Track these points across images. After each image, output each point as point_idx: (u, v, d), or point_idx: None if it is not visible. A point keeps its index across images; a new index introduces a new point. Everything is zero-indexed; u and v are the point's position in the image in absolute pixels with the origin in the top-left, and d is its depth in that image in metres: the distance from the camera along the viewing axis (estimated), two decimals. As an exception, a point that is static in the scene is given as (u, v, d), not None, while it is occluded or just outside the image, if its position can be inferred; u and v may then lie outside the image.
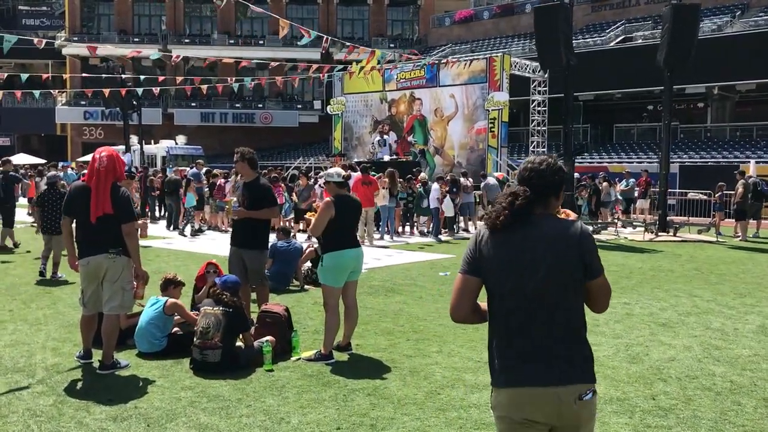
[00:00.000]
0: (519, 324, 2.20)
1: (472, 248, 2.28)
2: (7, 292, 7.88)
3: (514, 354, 2.20)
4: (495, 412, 2.26)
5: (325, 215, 5.13)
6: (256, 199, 5.80)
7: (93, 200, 4.69)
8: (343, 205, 5.21)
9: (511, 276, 2.19)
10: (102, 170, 4.75)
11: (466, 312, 2.28)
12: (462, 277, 2.27)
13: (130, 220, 4.81)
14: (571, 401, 2.15)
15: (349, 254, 5.22)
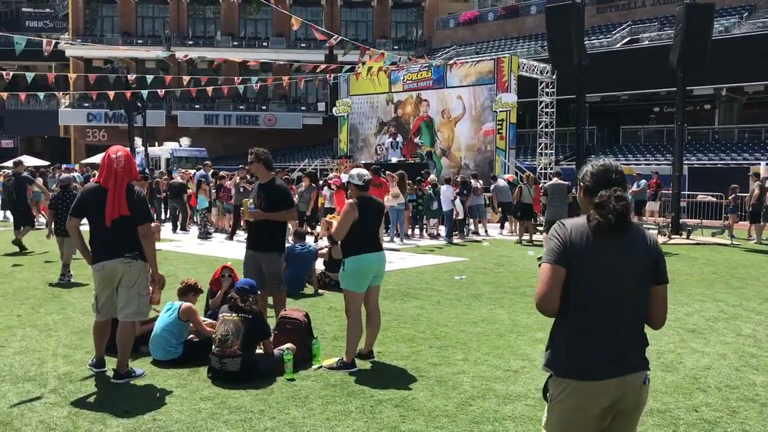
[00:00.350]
0: (602, 319, 2.33)
1: (560, 240, 2.36)
2: (14, 297, 7.69)
3: (594, 347, 2.33)
4: (561, 399, 2.36)
5: (349, 218, 4.94)
6: (273, 200, 5.61)
7: (109, 202, 4.51)
8: (366, 207, 5.03)
9: (606, 273, 2.32)
10: (120, 171, 4.57)
11: (556, 301, 2.33)
12: (552, 267, 2.34)
13: (146, 221, 4.63)
14: (638, 386, 2.37)
15: (372, 258, 5.04)
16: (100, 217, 4.54)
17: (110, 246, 4.57)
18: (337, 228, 5.01)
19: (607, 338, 2.33)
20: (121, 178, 4.56)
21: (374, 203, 5.24)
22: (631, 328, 2.37)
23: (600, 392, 2.31)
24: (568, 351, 2.35)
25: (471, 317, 6.79)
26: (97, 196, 4.58)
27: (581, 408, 2.32)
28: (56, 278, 8.94)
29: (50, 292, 8.03)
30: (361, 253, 4.98)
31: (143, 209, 4.64)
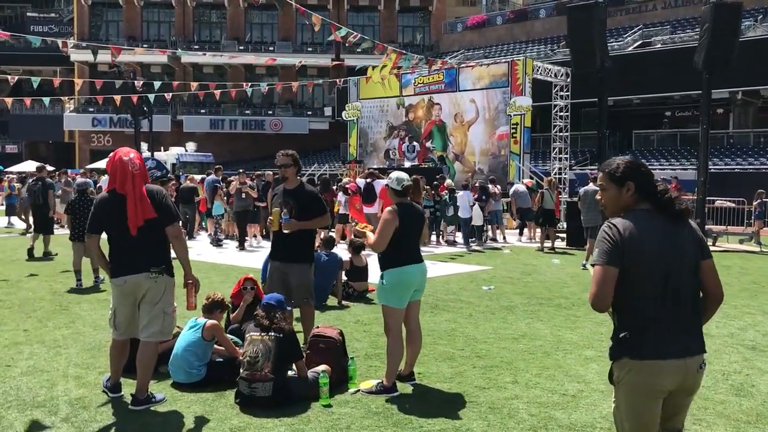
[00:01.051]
0: (666, 305, 2.47)
1: (612, 240, 2.48)
2: (20, 309, 7.25)
3: (658, 332, 2.47)
4: (626, 380, 2.51)
5: (389, 227, 4.49)
6: (304, 207, 5.17)
7: (131, 208, 4.07)
8: (406, 215, 4.58)
9: (665, 262, 2.47)
10: (137, 173, 4.14)
11: (610, 300, 2.47)
12: (605, 268, 2.46)
13: (175, 220, 4.23)
14: (695, 369, 2.52)
15: (413, 270, 4.59)
16: (122, 227, 4.11)
17: (134, 258, 4.13)
18: (377, 239, 4.54)
19: (671, 323, 2.48)
20: (139, 181, 4.13)
21: (415, 210, 4.78)
22: (691, 311, 2.52)
23: (663, 373, 2.46)
24: (636, 338, 2.48)
25: (510, 332, 6.32)
26: (115, 204, 4.14)
27: (646, 388, 2.48)
28: (64, 288, 8.53)
29: (58, 303, 7.58)
30: (401, 264, 4.54)
31: (170, 208, 4.23)
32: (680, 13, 34.70)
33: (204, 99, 42.65)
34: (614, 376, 2.56)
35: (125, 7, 42.97)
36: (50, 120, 40.78)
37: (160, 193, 4.22)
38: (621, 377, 2.52)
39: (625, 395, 2.53)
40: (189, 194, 15.04)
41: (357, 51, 44.09)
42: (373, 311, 7.24)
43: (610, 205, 2.63)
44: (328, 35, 44.22)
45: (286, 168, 5.28)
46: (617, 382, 2.55)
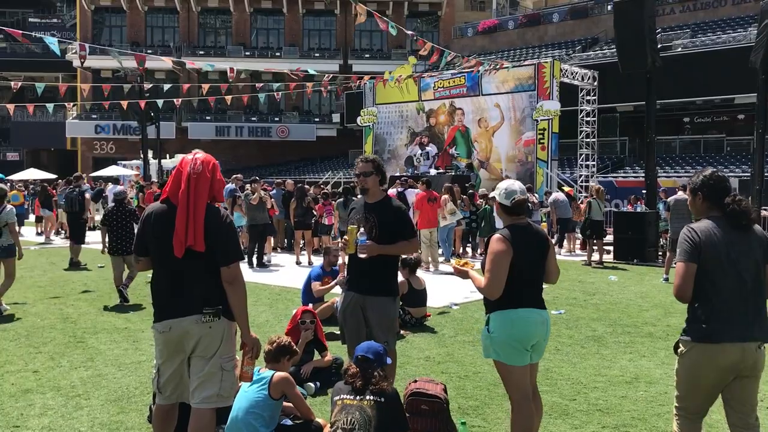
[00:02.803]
0: (733, 297, 2.95)
1: (692, 241, 2.99)
2: (28, 341, 6.21)
3: (725, 320, 2.93)
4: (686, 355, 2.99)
5: (503, 260, 3.31)
6: (389, 227, 4.14)
7: (180, 224, 3.02)
8: (522, 241, 3.42)
9: (736, 261, 2.96)
10: (196, 179, 3.09)
11: (690, 291, 2.97)
12: (686, 264, 2.97)
13: (234, 259, 3.12)
14: (754, 350, 2.96)
15: (532, 318, 3.41)
16: (166, 248, 3.06)
17: (181, 295, 3.09)
18: (489, 281, 3.32)
19: (737, 312, 2.94)
20: (200, 192, 3.09)
21: (532, 233, 3.56)
22: (755, 304, 2.98)
23: (719, 353, 2.92)
24: (705, 323, 2.94)
25: (616, 373, 5.28)
26: (163, 218, 3.11)
27: (703, 364, 2.94)
28: (76, 312, 7.49)
29: (71, 333, 6.53)
30: (516, 306, 3.39)
31: (230, 242, 3.13)
32: (699, 17, 33.83)
33: (209, 106, 41.81)
34: (679, 349, 3.05)
35: (129, 12, 42.14)
36: (52, 127, 39.80)
37: (224, 218, 3.15)
38: (684, 351, 3.01)
39: (685, 368, 3.02)
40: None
41: (365, 56, 43.66)
42: (440, 343, 6.21)
43: (699, 211, 3.14)
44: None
45: (366, 177, 4.23)
46: (680, 354, 3.03)
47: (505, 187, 3.59)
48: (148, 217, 3.18)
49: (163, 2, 42.41)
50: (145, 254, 3.21)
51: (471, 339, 6.38)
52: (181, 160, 3.20)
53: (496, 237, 3.42)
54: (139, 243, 3.23)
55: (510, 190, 3.56)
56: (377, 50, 44.43)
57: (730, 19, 32.05)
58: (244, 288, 3.14)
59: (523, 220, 3.58)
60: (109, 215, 8.48)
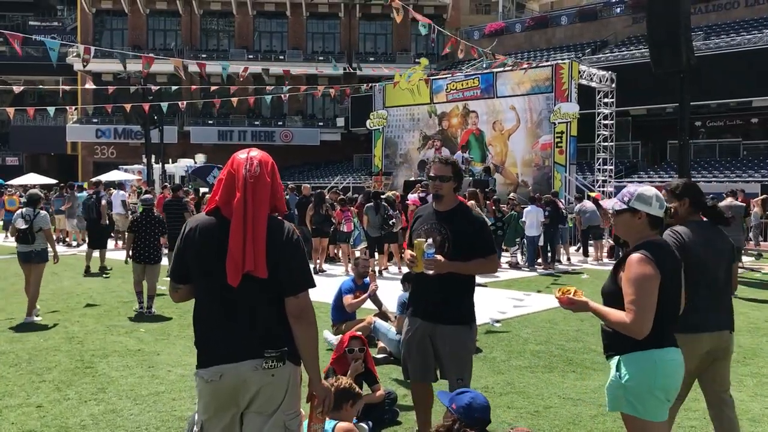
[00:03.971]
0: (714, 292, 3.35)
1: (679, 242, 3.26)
2: (30, 367, 5.51)
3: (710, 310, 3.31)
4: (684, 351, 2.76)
5: (653, 287, 2.57)
6: (464, 240, 3.46)
7: (236, 243, 2.31)
8: (667, 263, 2.65)
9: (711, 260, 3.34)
10: (254, 186, 2.38)
11: None
12: None
13: (304, 287, 2.40)
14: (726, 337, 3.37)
15: (679, 359, 2.69)
16: (215, 273, 2.35)
17: (236, 334, 2.39)
18: (638, 315, 2.53)
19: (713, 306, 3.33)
20: (256, 200, 2.38)
21: (672, 252, 2.76)
22: (726, 298, 3.43)
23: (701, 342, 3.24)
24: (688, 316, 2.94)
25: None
26: (212, 235, 2.39)
27: (686, 353, 2.81)
28: (83, 330, 6.79)
29: (78, 356, 5.84)
30: (659, 346, 2.62)
31: (298, 265, 2.40)
32: (711, 19, 33.27)
33: (211, 109, 41.17)
34: None
35: (130, 15, 41.56)
36: (52, 131, 39.13)
37: (290, 234, 2.41)
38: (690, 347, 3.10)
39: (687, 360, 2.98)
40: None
41: (370, 60, 43.04)
42: (494, 370, 5.52)
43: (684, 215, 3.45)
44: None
45: (442, 182, 3.55)
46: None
47: (654, 194, 2.74)
48: (190, 234, 2.43)
49: (165, 5, 41.84)
50: (184, 281, 2.48)
51: (527, 364, 5.69)
52: (232, 159, 2.50)
53: (639, 257, 2.61)
54: (178, 266, 2.47)
55: (660, 197, 2.76)
56: (382, 53, 43.86)
57: (744, 21, 31.48)
58: (315, 323, 2.45)
59: (658, 236, 2.85)
60: (137, 223, 8.16)
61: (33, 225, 7.21)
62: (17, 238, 7.29)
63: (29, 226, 7.19)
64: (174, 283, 2.51)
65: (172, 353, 5.94)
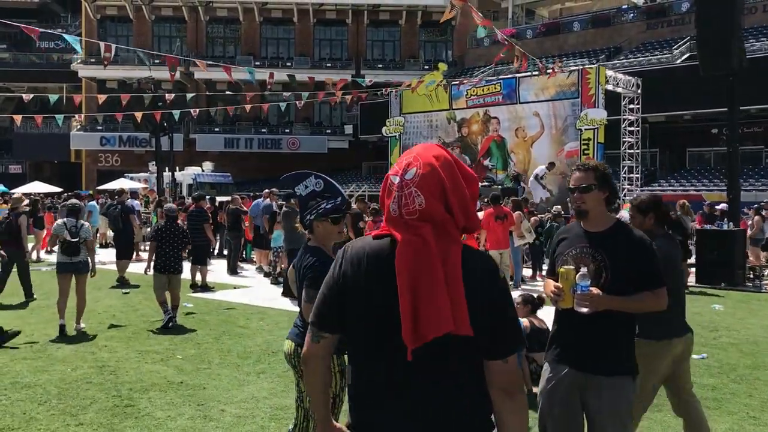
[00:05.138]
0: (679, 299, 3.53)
1: None
2: (60, 403, 4.80)
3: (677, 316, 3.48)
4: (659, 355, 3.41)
5: None
6: (628, 270, 2.78)
7: (405, 289, 1.61)
8: None
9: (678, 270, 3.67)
10: (455, 201, 1.70)
11: None
12: None
13: (516, 346, 1.71)
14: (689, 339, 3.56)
15: None
16: (386, 327, 1.65)
17: (417, 416, 1.64)
18: None
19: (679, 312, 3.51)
20: (440, 224, 1.68)
21: None
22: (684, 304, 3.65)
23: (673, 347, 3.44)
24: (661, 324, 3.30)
25: None
26: (385, 270, 1.66)
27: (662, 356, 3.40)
28: (113, 357, 6.09)
29: (114, 390, 5.13)
30: None
31: (509, 315, 1.71)
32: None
33: (217, 117, 40.56)
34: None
35: (135, 21, 41.08)
36: (56, 139, 38.49)
37: (486, 270, 1.71)
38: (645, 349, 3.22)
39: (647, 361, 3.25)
40: (237, 219, 12.71)
41: (378, 66, 42.49)
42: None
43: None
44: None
45: (582, 193, 2.89)
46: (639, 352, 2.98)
47: None
48: (354, 263, 1.72)
49: (171, 11, 41.36)
50: (335, 328, 1.77)
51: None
52: (403, 160, 1.82)
53: None
54: (330, 307, 1.75)
55: None
56: (390, 60, 43.40)
57: (762, 27, 30.96)
58: (525, 401, 1.75)
59: None
60: (160, 232, 7.98)
61: (79, 236, 7.22)
62: (62, 249, 7.19)
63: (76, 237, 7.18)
64: (316, 329, 1.79)
65: (219, 387, 5.25)
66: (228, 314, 8.45)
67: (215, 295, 10.01)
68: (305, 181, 3.25)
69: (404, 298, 1.61)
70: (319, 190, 3.20)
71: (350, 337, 1.74)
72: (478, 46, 41.95)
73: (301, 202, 3.29)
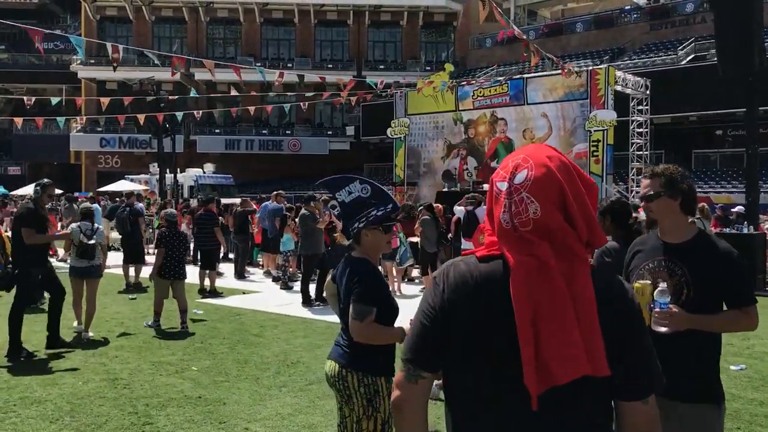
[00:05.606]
0: None
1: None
2: (74, 421, 4.52)
3: None
4: None
5: None
6: (713, 286, 2.51)
7: (527, 327, 1.34)
8: None
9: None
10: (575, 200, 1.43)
11: None
12: None
13: (656, 384, 1.44)
14: None
15: None
16: (501, 367, 1.38)
17: None
18: None
19: None
20: (557, 227, 1.41)
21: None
22: None
23: None
24: None
25: None
26: (499, 298, 1.39)
27: None
28: (125, 369, 5.81)
29: (130, 407, 4.84)
30: None
31: (649, 352, 1.43)
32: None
33: (218, 119, 40.28)
34: None
35: (135, 22, 40.80)
36: (55, 140, 38.17)
37: (619, 295, 1.43)
38: None
39: None
40: (245, 222, 12.44)
41: (380, 67, 42.23)
42: None
43: None
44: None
45: (649, 201, 2.63)
46: None
47: None
48: (460, 287, 1.44)
49: (171, 12, 41.09)
50: (433, 365, 1.49)
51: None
52: (518, 158, 1.51)
53: None
54: (427, 341, 1.47)
55: None
56: (391, 61, 43.17)
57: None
58: None
59: None
60: (164, 238, 7.83)
61: (94, 239, 7.20)
62: (78, 253, 7.12)
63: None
64: (413, 367, 1.49)
65: (241, 402, 4.97)
66: (240, 321, 8.18)
67: (225, 301, 9.73)
68: (348, 186, 2.98)
69: (524, 333, 1.34)
70: (366, 196, 2.92)
71: (454, 381, 1.47)
72: (480, 47, 41.74)
73: (343, 210, 3.02)
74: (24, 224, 6.34)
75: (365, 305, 2.72)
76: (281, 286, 10.88)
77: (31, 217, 6.39)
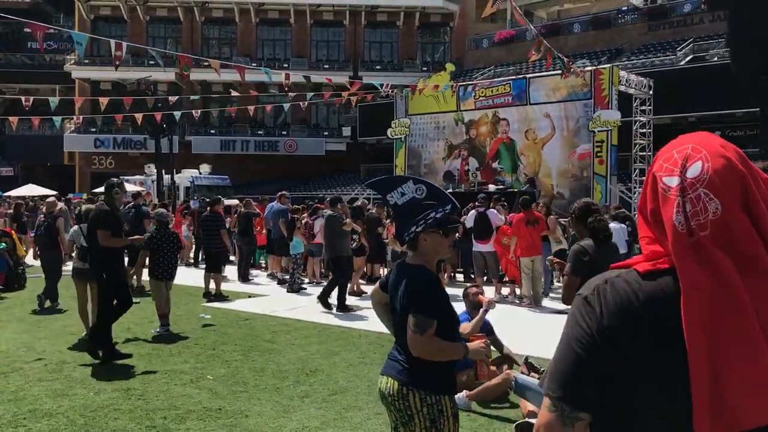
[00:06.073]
0: None
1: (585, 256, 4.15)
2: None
3: None
4: None
5: None
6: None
7: (703, 363, 1.09)
8: None
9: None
10: None
11: None
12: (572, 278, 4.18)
13: None
14: None
15: None
16: (675, 419, 1.14)
17: None
18: None
19: None
20: (741, 232, 1.13)
21: None
22: None
23: None
24: None
25: None
26: (653, 325, 1.16)
27: None
28: (137, 379, 5.56)
29: (147, 420, 4.58)
30: None
31: None
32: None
33: (213, 119, 39.93)
34: None
35: (130, 22, 40.42)
36: (49, 141, 37.69)
37: None
38: None
39: None
40: (249, 223, 12.18)
41: (376, 68, 42.01)
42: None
43: None
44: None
45: None
46: None
47: None
48: (620, 314, 1.19)
49: (166, 12, 40.73)
50: (597, 407, 1.22)
51: None
52: (690, 154, 1.22)
53: None
54: (585, 376, 1.21)
55: None
56: (388, 62, 42.95)
57: None
58: None
59: None
60: (154, 240, 7.70)
61: None
62: (80, 255, 7.04)
63: None
64: (569, 408, 1.22)
65: (263, 413, 4.73)
66: (250, 326, 7.93)
67: (231, 305, 9.47)
68: (401, 187, 2.74)
69: (697, 369, 1.10)
70: (421, 197, 2.69)
71: (616, 424, 1.24)
72: (477, 48, 41.61)
73: (396, 213, 2.79)
74: (100, 227, 6.18)
75: (425, 317, 2.49)
76: (288, 290, 10.64)
77: (107, 219, 6.23)
